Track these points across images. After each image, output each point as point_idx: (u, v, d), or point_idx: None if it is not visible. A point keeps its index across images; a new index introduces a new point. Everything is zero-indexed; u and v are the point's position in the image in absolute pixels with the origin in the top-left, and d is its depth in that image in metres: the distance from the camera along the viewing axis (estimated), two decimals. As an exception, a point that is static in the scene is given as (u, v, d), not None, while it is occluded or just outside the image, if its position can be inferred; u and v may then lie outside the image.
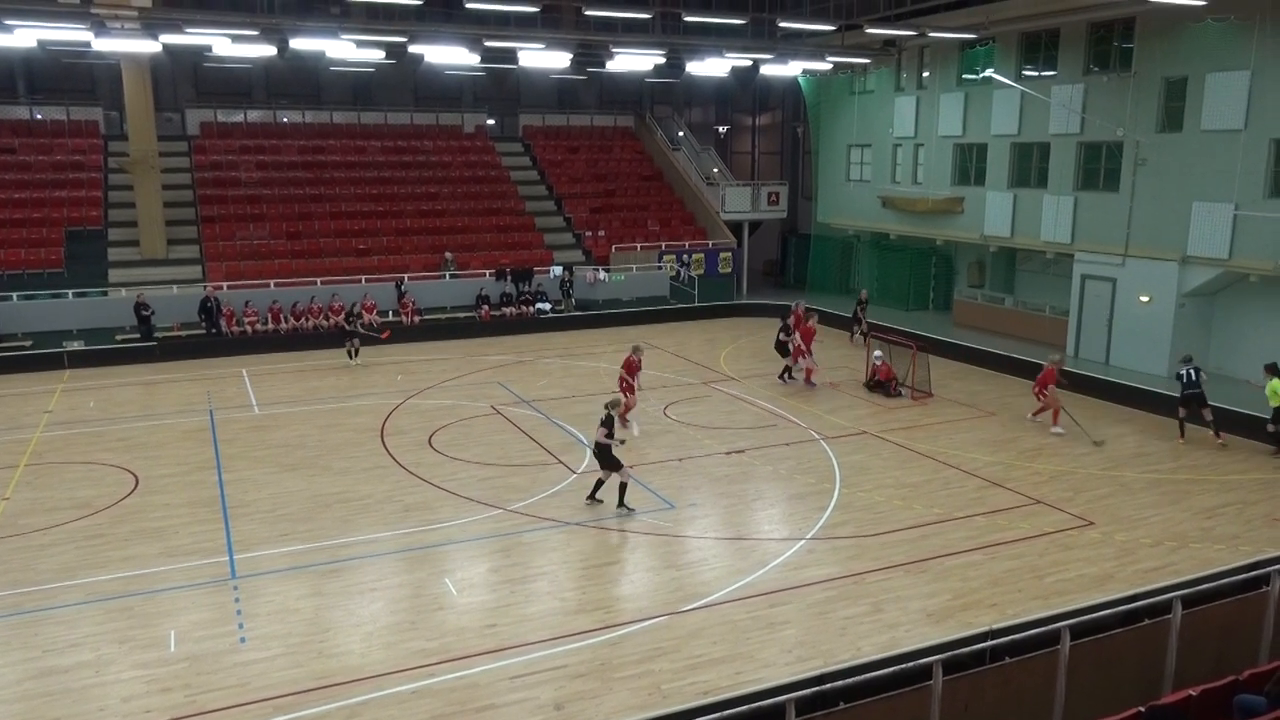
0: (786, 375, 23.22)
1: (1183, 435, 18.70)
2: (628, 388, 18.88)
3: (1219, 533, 14.04)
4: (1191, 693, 7.28)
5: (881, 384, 22.32)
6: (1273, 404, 17.74)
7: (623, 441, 14.39)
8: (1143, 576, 12.21)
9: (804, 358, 22.65)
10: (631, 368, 19.08)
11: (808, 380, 22.80)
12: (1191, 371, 18.45)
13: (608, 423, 14.45)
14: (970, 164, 29.50)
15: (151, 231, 29.26)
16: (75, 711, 9.35)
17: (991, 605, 11.60)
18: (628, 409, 18.58)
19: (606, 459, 14.53)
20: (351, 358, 25.21)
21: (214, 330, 26.83)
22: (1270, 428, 17.89)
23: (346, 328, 25.44)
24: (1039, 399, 19.49)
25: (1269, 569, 9.57)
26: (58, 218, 29.50)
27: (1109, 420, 20.23)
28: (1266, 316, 22.07)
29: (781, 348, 23.53)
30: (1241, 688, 7.52)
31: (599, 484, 14.83)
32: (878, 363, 22.57)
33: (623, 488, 14.56)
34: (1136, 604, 9.12)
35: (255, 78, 37.04)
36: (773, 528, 14.35)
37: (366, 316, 27.11)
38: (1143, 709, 6.41)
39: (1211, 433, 18.44)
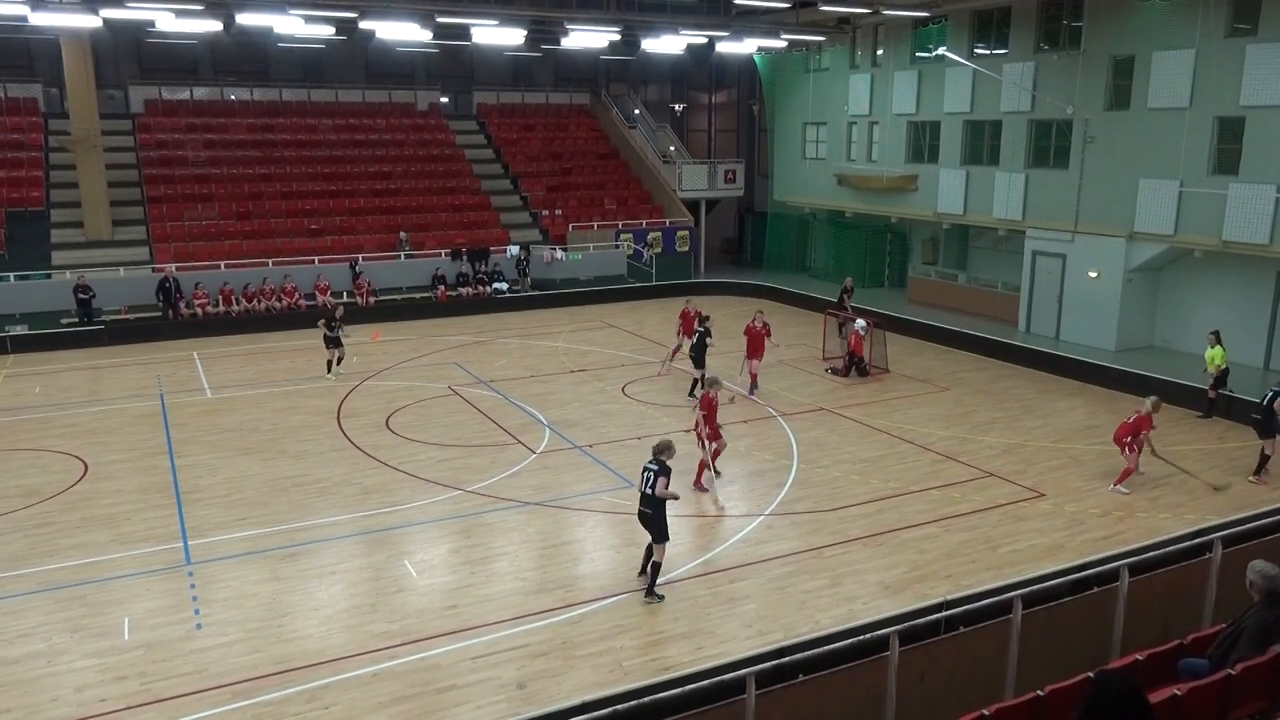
0: (694, 390, 19.59)
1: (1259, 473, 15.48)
2: (714, 433, 15.02)
3: (1164, 502, 14.42)
4: (1138, 657, 7.48)
5: (859, 362, 21.78)
6: (1209, 369, 18.28)
7: (677, 497, 11.44)
8: (1092, 546, 12.51)
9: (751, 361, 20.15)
10: (711, 406, 15.04)
11: (753, 388, 20.20)
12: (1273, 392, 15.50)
13: (667, 473, 11.20)
14: (924, 142, 29.75)
15: (96, 212, 28.52)
16: (27, 702, 9.17)
17: (946, 576, 11.82)
18: (718, 452, 15.12)
19: (659, 524, 11.21)
20: (330, 371, 21.54)
21: (172, 312, 26.30)
22: (1211, 394, 18.41)
23: (328, 334, 21.32)
24: (1126, 452, 14.90)
25: (1211, 536, 9.84)
26: (-3, 198, 28.67)
27: (1060, 394, 20.63)
28: (1210, 291, 22.62)
29: (699, 354, 19.64)
30: (1186, 652, 7.73)
31: (654, 570, 11.49)
32: (861, 331, 21.67)
33: (656, 568, 11.36)
34: (1086, 573, 9.33)
35: (201, 54, 36.14)
36: (732, 504, 14.46)
37: (320, 296, 26.60)
38: (1091, 674, 6.58)
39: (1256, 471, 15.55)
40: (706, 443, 14.81)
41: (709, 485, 14.91)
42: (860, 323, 22.11)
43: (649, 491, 11.17)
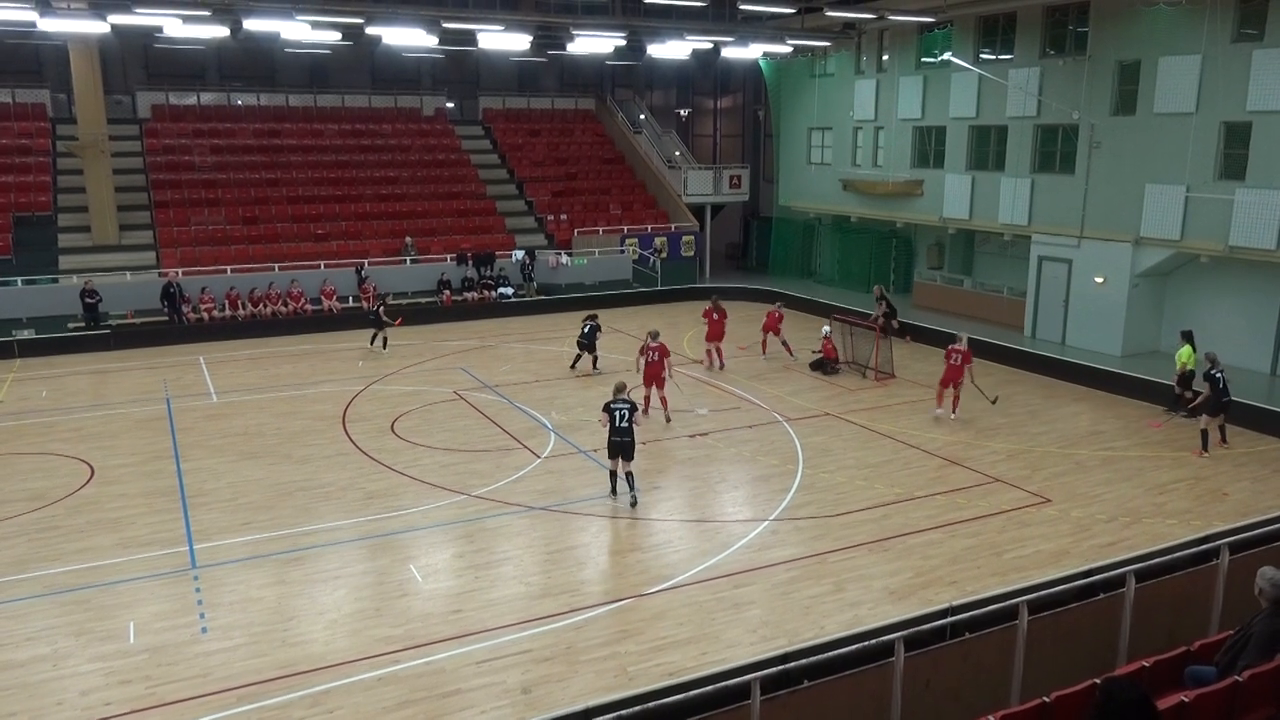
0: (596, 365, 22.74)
1: (1206, 449, 16.68)
2: (659, 381, 18.76)
3: (1171, 508, 14.37)
4: (1145, 664, 7.44)
5: (822, 363, 22.65)
6: (1178, 369, 18.54)
7: (639, 424, 14.75)
8: (1098, 551, 12.47)
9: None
10: (665, 353, 18.82)
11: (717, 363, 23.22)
12: (1221, 375, 16.46)
13: (636, 408, 14.62)
14: (929, 147, 29.75)
15: (103, 217, 28.62)
16: (32, 706, 9.19)
17: (951, 582, 11.78)
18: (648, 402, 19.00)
19: (632, 447, 14.40)
20: (377, 346, 24.79)
21: (176, 317, 26.37)
22: (1178, 391, 18.60)
23: (382, 318, 24.62)
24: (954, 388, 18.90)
25: (1218, 543, 9.80)
26: (5, 203, 28.68)
27: (1065, 399, 20.58)
28: (1216, 296, 22.56)
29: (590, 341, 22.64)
30: (1192, 658, 7.70)
31: (631, 477, 14.47)
32: (825, 336, 22.90)
33: (632, 476, 14.44)
34: (1092, 579, 9.29)
35: (208, 59, 36.27)
36: (737, 509, 14.45)
37: (326, 301, 26.72)
38: (1097, 680, 6.55)
39: (1220, 438, 16.98)
40: (668, 383, 18.81)
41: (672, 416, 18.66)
42: (825, 328, 23.06)
43: (625, 425, 14.12)
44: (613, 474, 14.61)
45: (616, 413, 14.16)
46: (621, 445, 14.20)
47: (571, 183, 36.98)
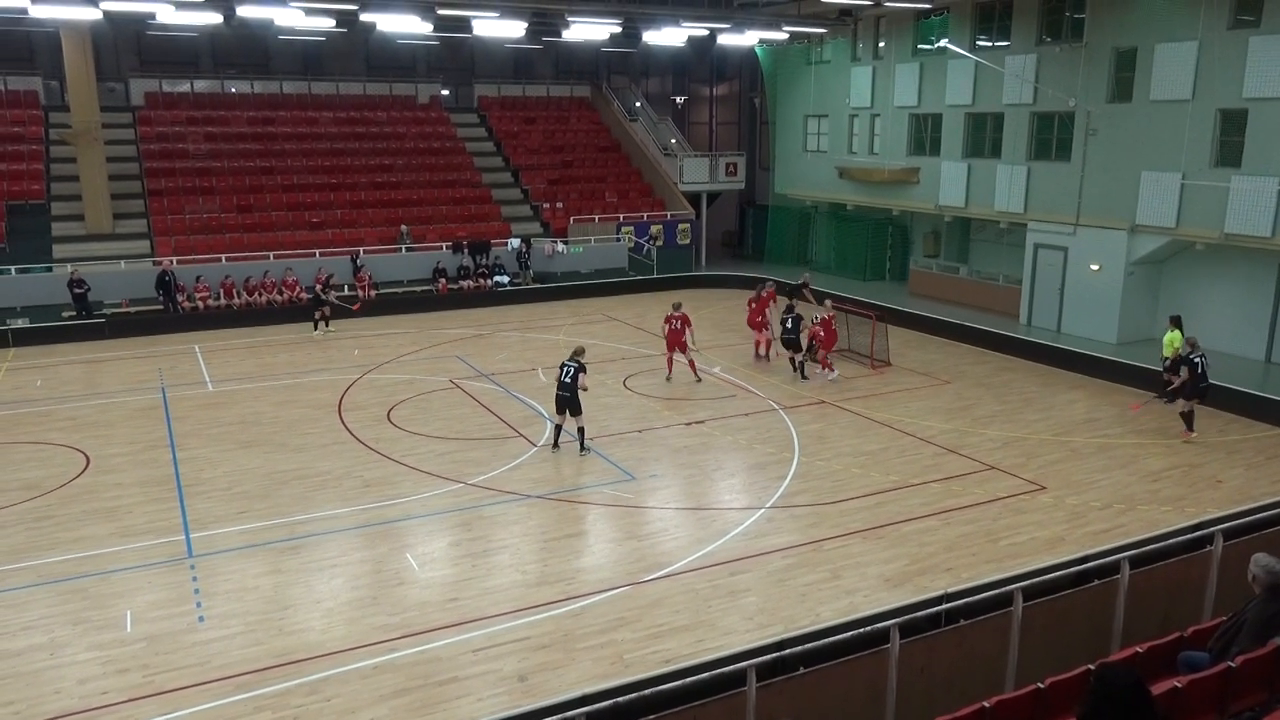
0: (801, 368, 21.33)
1: (1192, 428, 16.95)
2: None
3: (1165, 495, 14.41)
4: (1139, 650, 7.47)
5: (811, 346, 21.56)
6: (1165, 354, 18.52)
7: (586, 389, 15.83)
8: (1092, 538, 12.51)
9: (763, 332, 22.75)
10: (687, 322, 20.57)
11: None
12: (1201, 360, 16.67)
13: (584, 369, 15.83)
14: (925, 134, 29.70)
15: (96, 205, 28.51)
16: (29, 695, 9.20)
17: (947, 569, 11.82)
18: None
19: (576, 403, 15.76)
20: (316, 329, 25.39)
21: (172, 305, 26.31)
22: (1165, 377, 18.56)
23: (322, 296, 25.43)
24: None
25: (1212, 529, 9.82)
26: (-2, 191, 28.63)
27: (1061, 387, 20.61)
28: (1211, 283, 22.58)
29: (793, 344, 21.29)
30: (1186, 644, 7.73)
31: (581, 432, 16.13)
32: (815, 321, 21.80)
33: (582, 431, 16.08)
34: (1086, 565, 9.31)
35: (201, 46, 36.09)
36: (733, 497, 14.47)
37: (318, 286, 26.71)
38: (1092, 666, 6.58)
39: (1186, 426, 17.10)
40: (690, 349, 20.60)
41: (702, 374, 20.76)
42: (816, 314, 21.87)
43: (568, 381, 15.51)
44: (557, 428, 16.21)
45: (563, 369, 15.74)
46: (564, 400, 15.68)
47: (567, 170, 36.89)
